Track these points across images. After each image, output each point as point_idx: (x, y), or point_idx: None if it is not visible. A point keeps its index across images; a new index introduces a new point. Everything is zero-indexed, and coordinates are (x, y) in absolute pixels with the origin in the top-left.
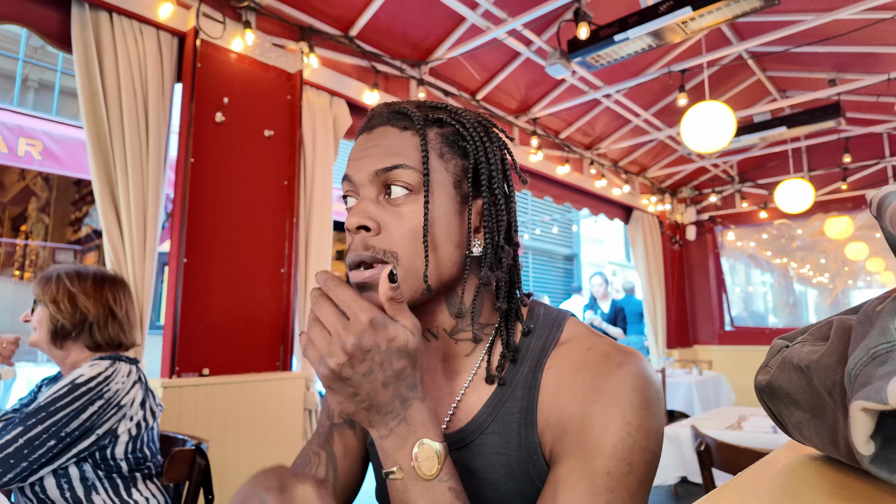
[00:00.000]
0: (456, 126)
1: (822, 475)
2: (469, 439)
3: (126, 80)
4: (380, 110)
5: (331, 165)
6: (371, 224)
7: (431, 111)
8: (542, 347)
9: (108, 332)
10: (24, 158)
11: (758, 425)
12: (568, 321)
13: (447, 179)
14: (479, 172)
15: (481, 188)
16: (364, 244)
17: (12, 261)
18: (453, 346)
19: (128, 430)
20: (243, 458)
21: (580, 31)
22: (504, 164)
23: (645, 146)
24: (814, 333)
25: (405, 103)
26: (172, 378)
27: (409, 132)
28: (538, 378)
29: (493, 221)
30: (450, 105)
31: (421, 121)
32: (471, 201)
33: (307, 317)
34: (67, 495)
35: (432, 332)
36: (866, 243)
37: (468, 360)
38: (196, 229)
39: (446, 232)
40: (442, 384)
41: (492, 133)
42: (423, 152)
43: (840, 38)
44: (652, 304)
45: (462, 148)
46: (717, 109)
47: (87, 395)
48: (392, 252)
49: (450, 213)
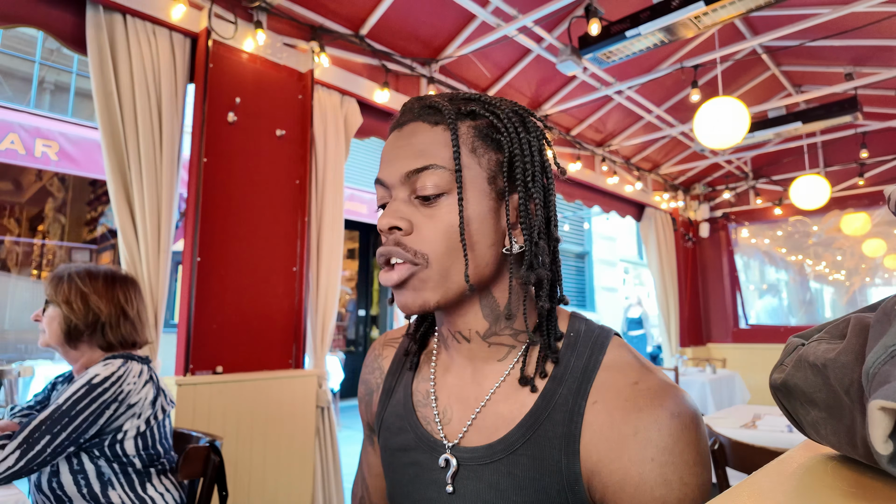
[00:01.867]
0: (490, 118)
1: (840, 475)
2: (497, 457)
3: (140, 81)
4: (411, 105)
5: (342, 164)
6: (403, 224)
7: (464, 103)
8: (583, 369)
9: (120, 331)
10: (40, 159)
11: (773, 424)
12: (612, 342)
13: (480, 175)
14: (513, 166)
15: (516, 183)
16: (396, 241)
17: (30, 260)
18: (486, 350)
19: (136, 426)
20: (257, 454)
21: (591, 27)
22: (542, 155)
23: (657, 143)
24: (830, 331)
25: (437, 96)
26: (186, 376)
27: (440, 127)
28: (581, 406)
29: (531, 217)
30: (484, 95)
31: (452, 114)
32: (507, 197)
33: (319, 316)
34: (84, 491)
35: (463, 334)
36: (884, 240)
37: (500, 365)
38: (209, 228)
39: (480, 231)
40: (469, 388)
41: (528, 123)
42: (454, 148)
43: (857, 31)
44: (665, 302)
45: (496, 141)
46: (730, 105)
47: (104, 397)
48: (423, 254)
49: (484, 210)
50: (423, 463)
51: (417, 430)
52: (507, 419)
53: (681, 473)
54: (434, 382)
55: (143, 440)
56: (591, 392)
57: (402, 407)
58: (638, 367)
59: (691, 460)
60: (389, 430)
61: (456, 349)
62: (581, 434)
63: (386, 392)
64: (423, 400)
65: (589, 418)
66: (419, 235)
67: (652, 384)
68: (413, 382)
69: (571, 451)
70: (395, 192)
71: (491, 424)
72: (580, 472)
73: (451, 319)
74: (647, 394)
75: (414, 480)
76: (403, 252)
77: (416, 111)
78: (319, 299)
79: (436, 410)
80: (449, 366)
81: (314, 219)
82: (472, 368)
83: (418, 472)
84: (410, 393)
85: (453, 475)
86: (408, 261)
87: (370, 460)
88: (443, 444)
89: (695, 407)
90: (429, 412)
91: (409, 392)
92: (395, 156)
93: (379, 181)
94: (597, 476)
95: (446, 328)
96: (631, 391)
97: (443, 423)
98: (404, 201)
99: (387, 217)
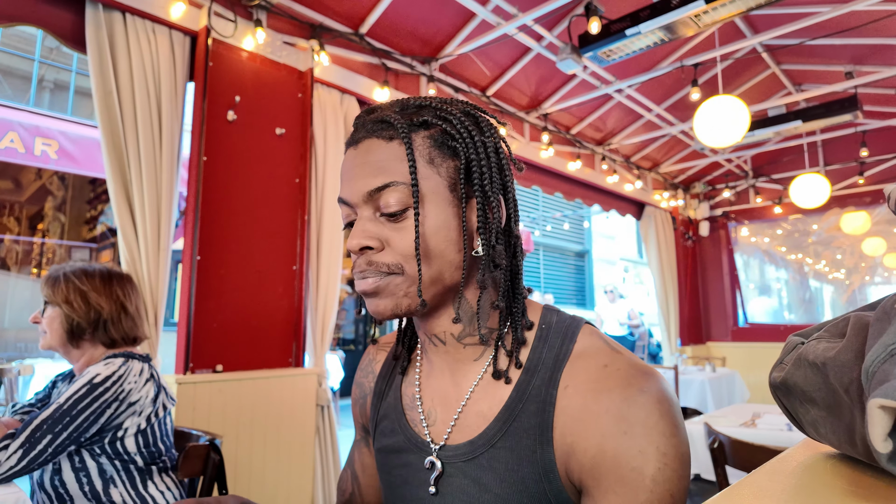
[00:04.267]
0: (443, 125)
1: (839, 473)
2: (479, 452)
3: (139, 79)
4: (362, 121)
5: (342, 163)
6: (373, 243)
7: (416, 113)
8: (554, 359)
9: (122, 326)
10: (40, 158)
11: (772, 423)
12: (582, 330)
13: (441, 184)
14: (471, 172)
15: (474, 187)
16: (368, 262)
17: (30, 259)
18: (461, 351)
19: (136, 424)
20: (256, 453)
21: (591, 25)
22: (498, 154)
23: (657, 141)
24: (830, 330)
25: (388, 107)
26: (186, 374)
27: (395, 142)
28: (553, 394)
29: (488, 223)
30: (434, 101)
31: (405, 127)
32: (466, 202)
33: (319, 314)
34: (86, 489)
35: (439, 337)
36: (884, 238)
37: (476, 365)
38: (209, 227)
39: (447, 238)
40: (449, 389)
41: (482, 123)
42: (409, 164)
43: (857, 29)
44: (665, 301)
45: (452, 148)
46: (730, 103)
47: (105, 396)
48: (397, 265)
49: (448, 217)
50: (413, 464)
51: (407, 432)
52: (486, 415)
53: (657, 444)
54: (419, 385)
55: (143, 438)
56: (561, 379)
57: (392, 409)
58: (608, 351)
59: (667, 431)
60: (383, 432)
61: (433, 352)
62: (554, 422)
63: (377, 395)
64: (410, 403)
65: (561, 403)
66: (391, 249)
67: (621, 366)
68: (402, 386)
69: (545, 440)
70: (359, 211)
71: (472, 423)
72: (554, 459)
73: (426, 323)
74: (616, 374)
75: (406, 481)
76: (377, 270)
77: (369, 126)
78: (319, 298)
79: (421, 413)
80: (430, 369)
81: (314, 217)
82: (451, 370)
83: (409, 473)
84: (400, 396)
85: (437, 477)
86: (382, 275)
87: (364, 461)
88: (429, 445)
89: (666, 386)
90: (415, 414)
91: (398, 395)
92: (354, 175)
93: (342, 200)
94: (573, 457)
95: (423, 332)
96: (601, 373)
97: (428, 425)
98: (370, 219)
99: (356, 238)
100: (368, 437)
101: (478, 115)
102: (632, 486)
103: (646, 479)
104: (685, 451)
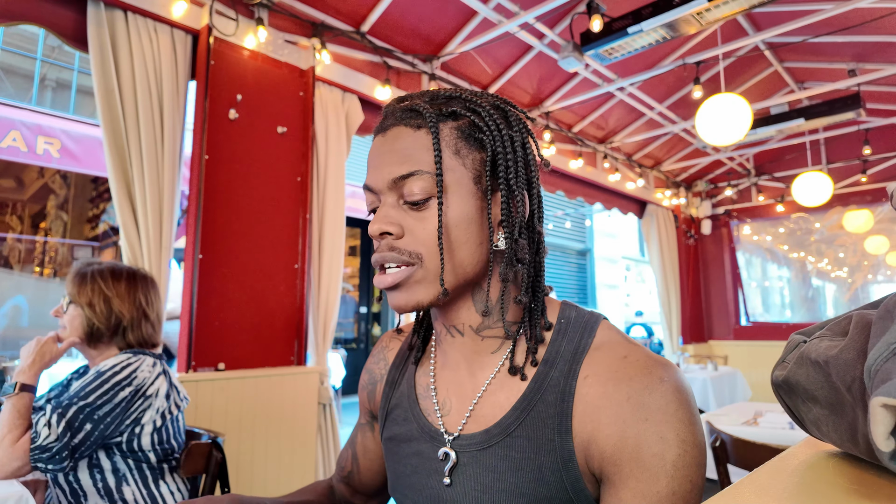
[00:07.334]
0: (471, 117)
1: (841, 472)
2: (495, 441)
3: (141, 78)
4: (392, 109)
5: (343, 161)
6: (394, 229)
7: (445, 104)
8: (574, 352)
9: (141, 332)
10: (42, 156)
11: (774, 421)
12: (601, 325)
13: (466, 176)
14: (497, 165)
15: (499, 181)
16: (389, 246)
17: (32, 257)
18: (479, 343)
19: (152, 420)
20: (259, 451)
21: (593, 23)
22: (525, 149)
23: (659, 139)
24: (832, 328)
25: (417, 97)
26: (189, 372)
27: (422, 131)
28: (572, 385)
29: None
30: (465, 93)
31: (434, 117)
32: (490, 195)
33: (321, 313)
34: (100, 486)
35: (458, 328)
36: (886, 237)
37: (494, 357)
38: (211, 226)
39: (468, 231)
40: (465, 380)
41: (511, 117)
42: (436, 153)
43: (860, 27)
44: (666, 299)
45: (479, 140)
46: (732, 101)
47: (115, 379)
48: (417, 253)
49: (471, 210)
50: (425, 453)
51: (420, 421)
52: (503, 405)
53: (677, 430)
54: (434, 376)
55: (158, 435)
56: (581, 370)
57: (405, 398)
58: (626, 344)
59: (686, 419)
60: (394, 421)
61: (451, 343)
62: (573, 411)
63: (390, 384)
64: (424, 392)
65: (581, 392)
66: (411, 237)
67: (640, 357)
68: (416, 375)
69: (564, 430)
70: (383, 198)
71: (489, 413)
72: (573, 448)
73: (445, 315)
74: (636, 364)
75: (416, 470)
76: (398, 256)
77: (399, 115)
78: (321, 296)
79: (436, 402)
80: (446, 359)
81: (315, 216)
82: (468, 361)
83: (420, 462)
84: (413, 385)
85: (451, 468)
86: (403, 263)
87: (366, 444)
88: (442, 434)
89: (683, 377)
90: (429, 404)
91: (412, 384)
92: (381, 161)
93: (367, 187)
94: (594, 444)
95: (441, 323)
96: (620, 363)
97: (443, 415)
98: (393, 206)
99: (378, 223)
100: (374, 422)
101: (507, 109)
102: (653, 472)
103: (667, 465)
104: (702, 441)
